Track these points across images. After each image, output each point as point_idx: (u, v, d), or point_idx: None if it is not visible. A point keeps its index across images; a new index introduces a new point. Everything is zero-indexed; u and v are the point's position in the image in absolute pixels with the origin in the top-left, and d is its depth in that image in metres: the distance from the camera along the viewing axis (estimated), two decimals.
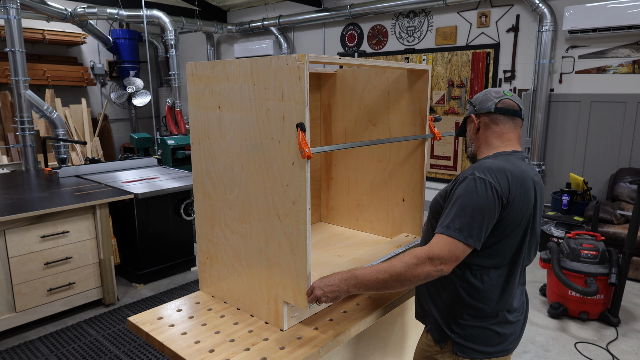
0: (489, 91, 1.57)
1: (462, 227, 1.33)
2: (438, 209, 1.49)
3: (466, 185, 1.37)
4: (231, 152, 1.61)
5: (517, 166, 1.42)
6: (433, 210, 1.53)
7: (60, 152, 5.13)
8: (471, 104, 1.61)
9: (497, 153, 1.49)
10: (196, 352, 1.44)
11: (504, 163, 1.41)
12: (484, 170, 1.38)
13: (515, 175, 1.39)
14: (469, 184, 1.36)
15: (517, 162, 1.45)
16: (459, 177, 1.44)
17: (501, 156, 1.47)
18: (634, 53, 4.79)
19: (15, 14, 4.99)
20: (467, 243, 1.33)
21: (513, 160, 1.45)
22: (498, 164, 1.40)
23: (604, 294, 3.38)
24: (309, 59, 1.32)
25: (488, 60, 5.78)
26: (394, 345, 2.02)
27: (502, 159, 1.44)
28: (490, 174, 1.37)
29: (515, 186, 1.37)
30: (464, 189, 1.37)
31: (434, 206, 1.53)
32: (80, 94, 8.30)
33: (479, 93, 1.61)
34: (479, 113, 1.56)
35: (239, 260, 1.67)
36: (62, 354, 3.04)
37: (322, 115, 2.33)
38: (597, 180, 5.17)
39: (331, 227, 2.34)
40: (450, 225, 1.34)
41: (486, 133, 1.55)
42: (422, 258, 1.33)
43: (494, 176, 1.36)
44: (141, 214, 3.94)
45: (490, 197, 1.33)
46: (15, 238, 3.13)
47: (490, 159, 1.46)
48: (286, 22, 7.51)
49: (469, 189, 1.36)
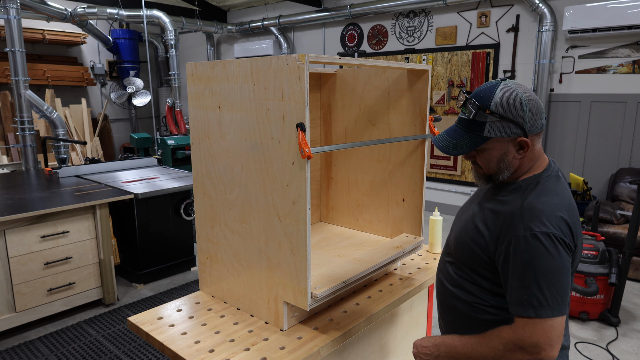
0: (532, 100, 1.23)
1: (551, 300, 1.13)
2: (470, 251, 1.29)
3: (533, 248, 1.15)
4: (231, 152, 1.61)
5: (565, 198, 1.23)
6: (463, 251, 1.32)
7: (60, 152, 5.13)
8: (512, 121, 1.20)
9: (536, 178, 1.27)
10: (196, 352, 1.44)
11: (555, 199, 1.20)
12: (540, 220, 1.16)
13: (570, 212, 1.20)
14: (533, 244, 1.14)
15: (561, 190, 1.25)
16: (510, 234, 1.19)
17: (543, 185, 1.24)
18: (634, 53, 4.79)
19: (15, 14, 4.98)
20: (563, 314, 1.14)
21: (557, 189, 1.24)
22: (550, 204, 1.19)
23: (604, 294, 3.38)
24: (309, 59, 1.32)
25: (488, 60, 5.78)
26: (394, 345, 2.02)
27: (549, 192, 1.23)
28: (549, 222, 1.16)
29: (573, 225, 1.20)
30: (532, 252, 1.14)
31: (464, 246, 1.32)
32: (80, 94, 8.30)
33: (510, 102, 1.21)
34: (530, 134, 1.23)
35: (239, 260, 1.67)
36: (62, 354, 3.04)
37: (322, 115, 2.33)
38: (597, 180, 5.17)
39: (331, 227, 2.34)
40: (534, 303, 1.14)
41: (531, 154, 1.27)
42: (510, 346, 1.17)
43: (554, 225, 1.16)
44: (141, 214, 3.94)
45: (563, 252, 1.15)
46: (15, 238, 3.13)
47: (535, 194, 1.22)
48: (286, 22, 7.51)
49: (539, 251, 1.14)
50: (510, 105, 1.21)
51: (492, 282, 1.29)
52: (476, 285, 1.32)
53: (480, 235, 1.27)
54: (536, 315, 1.14)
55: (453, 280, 1.38)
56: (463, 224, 1.37)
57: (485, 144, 1.25)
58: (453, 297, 1.38)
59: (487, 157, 1.27)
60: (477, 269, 1.30)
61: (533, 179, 1.27)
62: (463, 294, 1.35)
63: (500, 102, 1.21)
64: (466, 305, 1.35)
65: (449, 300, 1.41)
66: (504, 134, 1.22)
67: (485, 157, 1.27)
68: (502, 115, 1.20)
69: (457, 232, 1.39)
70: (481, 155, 1.28)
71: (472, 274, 1.32)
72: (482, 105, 1.22)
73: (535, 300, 1.14)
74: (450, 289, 1.39)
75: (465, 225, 1.35)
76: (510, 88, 1.23)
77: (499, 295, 1.29)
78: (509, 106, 1.21)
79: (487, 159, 1.27)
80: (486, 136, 1.23)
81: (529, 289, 1.14)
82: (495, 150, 1.25)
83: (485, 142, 1.24)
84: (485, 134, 1.23)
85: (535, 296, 1.14)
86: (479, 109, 1.22)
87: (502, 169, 1.27)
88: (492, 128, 1.22)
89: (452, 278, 1.39)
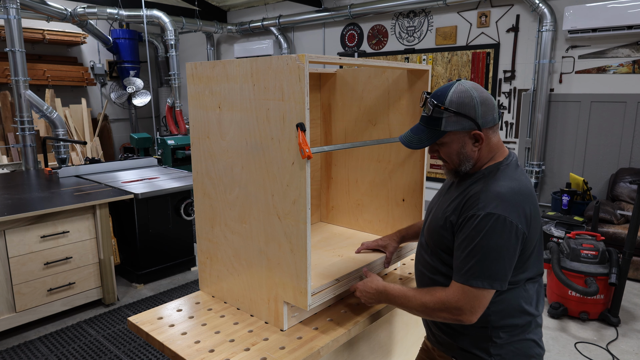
0: (484, 97, 1.34)
1: (485, 273, 1.24)
2: (439, 237, 1.40)
3: (482, 226, 1.25)
4: (231, 152, 1.61)
5: (522, 183, 1.33)
6: (434, 238, 1.43)
7: (60, 152, 5.13)
8: (465, 116, 1.32)
9: (497, 166, 1.37)
10: (196, 352, 1.44)
11: (513, 184, 1.31)
12: (496, 202, 1.26)
13: (527, 198, 1.30)
14: (485, 223, 1.25)
15: (519, 176, 1.35)
16: (467, 212, 1.30)
17: (503, 172, 1.35)
18: (634, 53, 4.79)
19: (15, 14, 4.99)
20: (493, 288, 1.26)
21: (515, 175, 1.35)
22: (509, 188, 1.29)
23: (604, 294, 3.38)
24: (309, 59, 1.32)
25: (488, 60, 5.78)
26: (394, 345, 2.02)
27: (508, 178, 1.33)
28: (504, 206, 1.25)
29: (530, 211, 1.29)
30: (480, 230, 1.25)
31: (434, 233, 1.42)
32: (80, 94, 8.30)
33: (463, 99, 1.32)
34: (483, 127, 1.34)
35: (239, 260, 1.67)
36: (62, 354, 3.04)
37: (322, 115, 2.33)
38: (597, 180, 5.17)
39: (331, 227, 2.34)
40: (469, 273, 1.26)
41: (488, 146, 1.38)
42: (438, 305, 1.32)
43: (508, 209, 1.25)
44: (141, 214, 3.94)
45: (512, 236, 1.25)
46: (15, 238, 3.13)
47: (495, 180, 1.33)
48: (286, 22, 7.51)
49: (487, 229, 1.24)
50: (462, 101, 1.33)
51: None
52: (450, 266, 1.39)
53: (448, 221, 1.37)
54: (466, 282, 1.27)
55: (432, 268, 1.46)
56: (433, 216, 1.47)
57: (443, 138, 1.37)
58: (434, 284, 1.44)
59: (447, 151, 1.39)
60: (450, 251, 1.39)
61: (494, 167, 1.38)
62: (443, 279, 1.42)
63: (454, 99, 1.33)
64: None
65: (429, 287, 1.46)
66: (458, 127, 1.34)
67: (446, 150, 1.39)
68: (455, 111, 1.33)
69: (429, 224, 1.48)
70: (442, 149, 1.40)
71: (446, 256, 1.40)
72: (438, 103, 1.34)
73: (469, 270, 1.26)
74: (430, 276, 1.47)
75: (435, 216, 1.45)
76: (463, 87, 1.35)
77: None
78: (462, 103, 1.33)
79: (448, 153, 1.39)
80: (443, 130, 1.35)
81: (467, 259, 1.27)
82: (454, 143, 1.37)
83: (443, 136, 1.36)
84: (442, 129, 1.35)
85: (470, 266, 1.26)
86: (435, 106, 1.35)
87: (462, 160, 1.38)
88: (448, 123, 1.34)
89: (430, 266, 1.47)
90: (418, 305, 1.38)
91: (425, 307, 1.35)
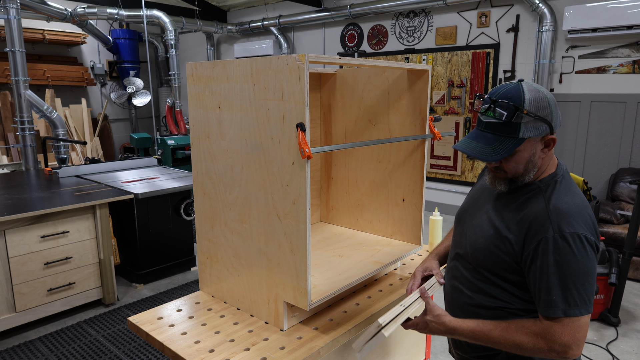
0: (554, 98, 1.24)
1: (583, 299, 1.14)
2: (492, 257, 1.28)
3: (565, 249, 1.15)
4: (231, 152, 1.61)
5: (581, 195, 1.24)
6: (484, 256, 1.30)
7: (60, 152, 5.13)
8: (544, 120, 1.19)
9: (552, 178, 1.28)
10: (196, 352, 1.44)
11: (576, 199, 1.22)
12: (568, 221, 1.17)
13: (590, 211, 1.21)
14: (563, 245, 1.15)
15: (575, 188, 1.26)
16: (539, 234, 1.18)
17: (561, 185, 1.26)
18: (634, 53, 4.79)
19: (15, 14, 4.99)
20: (589, 312, 1.16)
21: (572, 187, 1.26)
22: (575, 205, 1.20)
23: (604, 294, 3.38)
24: (309, 59, 1.32)
25: (488, 60, 5.78)
26: (394, 345, 2.02)
27: (569, 192, 1.24)
28: (577, 223, 1.17)
29: (594, 224, 1.21)
30: (565, 253, 1.15)
31: (485, 252, 1.29)
32: (80, 94, 8.30)
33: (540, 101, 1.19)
34: (554, 131, 1.23)
35: (239, 260, 1.67)
36: (62, 354, 3.04)
37: (322, 115, 2.33)
38: (597, 180, 5.17)
39: (331, 227, 2.34)
40: (564, 304, 1.14)
41: (550, 152, 1.27)
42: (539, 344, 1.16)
43: (582, 226, 1.17)
44: (141, 214, 3.94)
45: (594, 254, 1.17)
46: (15, 238, 3.13)
47: (557, 195, 1.23)
48: (286, 22, 7.51)
49: (571, 252, 1.15)
50: (540, 104, 1.19)
51: (519, 287, 1.27)
52: (501, 289, 1.29)
53: (505, 240, 1.25)
54: (565, 315, 1.14)
55: (473, 286, 1.35)
56: (478, 229, 1.34)
57: (520, 146, 1.21)
58: (473, 303, 1.35)
59: (517, 160, 1.23)
60: (503, 274, 1.28)
61: (550, 179, 1.27)
62: (485, 299, 1.32)
63: (532, 101, 1.19)
64: (489, 311, 1.31)
65: (467, 306, 1.37)
66: (536, 133, 1.20)
67: (516, 159, 1.23)
68: (536, 115, 1.18)
69: (472, 238, 1.35)
70: (510, 158, 1.23)
71: (495, 278, 1.29)
72: (518, 106, 1.19)
73: (564, 301, 1.14)
74: (470, 294, 1.36)
75: (482, 230, 1.32)
76: (534, 87, 1.22)
77: (526, 299, 1.27)
78: (540, 105, 1.19)
79: (517, 162, 1.23)
80: (522, 137, 1.19)
81: (559, 289, 1.14)
82: (526, 151, 1.22)
83: (522, 144, 1.21)
84: (521, 135, 1.19)
85: (565, 297, 1.14)
86: (515, 109, 1.18)
87: (528, 170, 1.25)
88: (527, 128, 1.19)
89: (471, 284, 1.35)
90: (510, 345, 1.20)
91: (522, 348, 1.18)
